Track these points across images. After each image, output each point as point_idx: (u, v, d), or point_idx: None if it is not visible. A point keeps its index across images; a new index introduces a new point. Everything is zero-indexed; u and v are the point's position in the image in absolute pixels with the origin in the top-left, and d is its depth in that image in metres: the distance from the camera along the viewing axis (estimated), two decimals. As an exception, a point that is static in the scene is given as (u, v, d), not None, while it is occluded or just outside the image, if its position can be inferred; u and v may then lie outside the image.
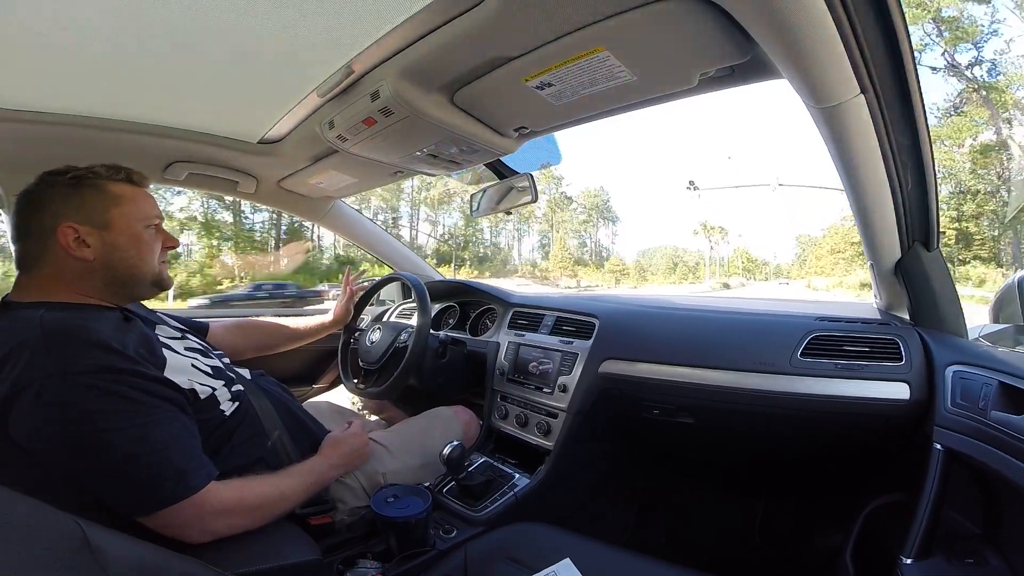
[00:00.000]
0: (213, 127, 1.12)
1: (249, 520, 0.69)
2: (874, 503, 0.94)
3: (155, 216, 0.80)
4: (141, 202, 0.78)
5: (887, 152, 0.71)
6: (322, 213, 1.64)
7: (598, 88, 0.82)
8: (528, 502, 1.02)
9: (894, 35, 0.57)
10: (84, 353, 0.61)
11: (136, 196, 0.78)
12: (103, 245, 0.73)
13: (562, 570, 0.74)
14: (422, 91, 0.86)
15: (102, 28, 0.71)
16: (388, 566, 0.78)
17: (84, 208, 0.72)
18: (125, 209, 0.76)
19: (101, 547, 0.39)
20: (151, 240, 0.79)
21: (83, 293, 0.73)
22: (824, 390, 0.89)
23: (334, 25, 0.72)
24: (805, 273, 50.40)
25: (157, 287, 0.81)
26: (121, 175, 0.77)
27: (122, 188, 0.77)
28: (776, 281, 56.05)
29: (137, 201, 0.78)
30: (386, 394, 1.19)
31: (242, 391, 0.83)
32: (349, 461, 0.90)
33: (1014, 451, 0.62)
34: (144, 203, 0.79)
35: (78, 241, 0.71)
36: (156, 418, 0.64)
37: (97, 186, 0.74)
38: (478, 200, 1.50)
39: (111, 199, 0.75)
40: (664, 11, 0.62)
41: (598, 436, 1.19)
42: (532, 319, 1.32)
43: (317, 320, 1.32)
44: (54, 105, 0.94)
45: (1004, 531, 0.71)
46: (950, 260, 20.56)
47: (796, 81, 0.64)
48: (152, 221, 0.79)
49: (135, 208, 0.77)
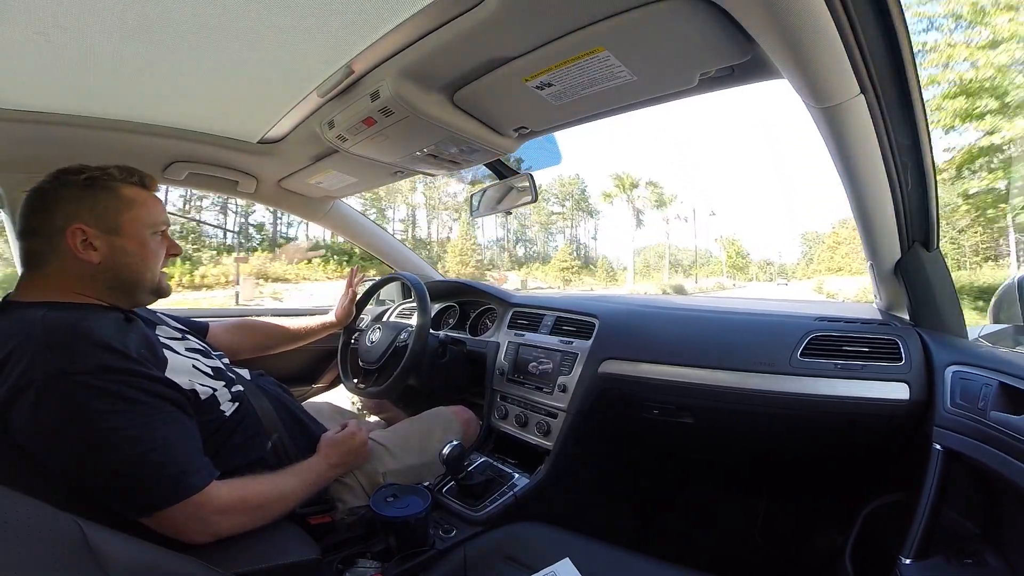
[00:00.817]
0: (213, 127, 1.12)
1: (250, 520, 0.69)
2: (874, 503, 0.94)
3: (163, 222, 0.80)
4: (151, 207, 0.78)
5: (887, 152, 0.71)
6: (322, 213, 1.64)
7: (598, 88, 0.82)
8: (528, 502, 1.02)
9: (894, 35, 0.57)
10: (85, 353, 0.61)
11: (147, 201, 0.78)
12: (110, 249, 0.73)
13: (561, 570, 0.74)
14: (422, 91, 0.86)
15: (102, 28, 0.70)
16: (387, 565, 0.78)
17: (96, 210, 0.72)
18: (136, 214, 0.76)
19: (101, 547, 0.39)
20: (157, 247, 0.79)
21: (85, 294, 0.73)
22: (824, 390, 0.89)
23: (334, 25, 0.72)
24: (813, 272, 48.46)
25: (156, 295, 0.81)
26: (135, 178, 0.77)
27: (134, 192, 0.77)
28: (777, 281, 54.28)
29: (148, 206, 0.78)
30: (386, 394, 1.19)
31: (242, 391, 0.84)
32: (349, 460, 0.90)
33: (1014, 451, 0.61)
34: (154, 208, 0.79)
35: (86, 244, 0.71)
36: (157, 418, 0.64)
37: (111, 189, 0.74)
38: (478, 200, 1.50)
39: (123, 203, 0.75)
40: (664, 11, 0.62)
41: (598, 436, 1.18)
42: (532, 319, 1.32)
43: (318, 320, 1.32)
44: (54, 105, 0.94)
45: (1003, 531, 0.71)
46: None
47: (796, 81, 0.64)
48: (160, 227, 0.79)
49: (146, 213, 0.77)
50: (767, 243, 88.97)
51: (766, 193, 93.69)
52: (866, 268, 1.05)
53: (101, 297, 0.74)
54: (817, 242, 55.47)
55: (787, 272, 59.83)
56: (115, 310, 0.75)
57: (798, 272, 56.09)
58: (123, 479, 0.61)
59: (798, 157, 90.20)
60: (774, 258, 66.59)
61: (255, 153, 1.22)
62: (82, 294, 0.72)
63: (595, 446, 1.21)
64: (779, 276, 59.14)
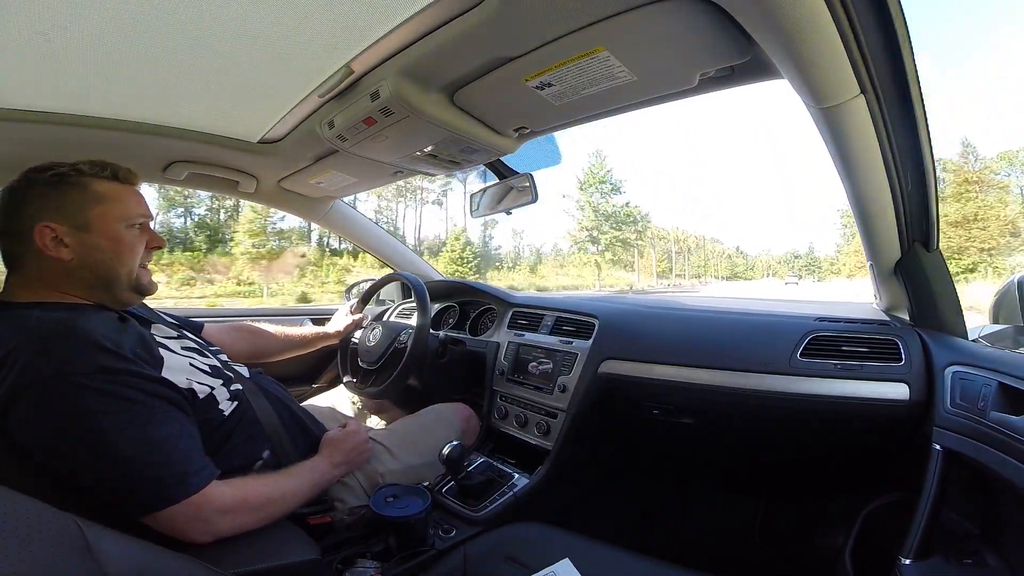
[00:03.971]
0: (213, 127, 1.12)
1: (251, 520, 0.69)
2: (874, 503, 0.95)
3: (140, 215, 0.77)
4: (126, 200, 0.76)
5: (887, 152, 0.71)
6: (322, 213, 1.65)
7: (598, 88, 0.82)
8: (527, 502, 1.02)
9: (894, 35, 0.57)
10: (81, 354, 0.61)
11: (120, 194, 0.75)
12: (81, 246, 0.71)
13: (561, 570, 0.74)
14: (422, 91, 0.86)
15: (102, 28, 0.70)
16: (387, 566, 0.78)
17: (63, 207, 0.70)
18: (106, 209, 0.73)
19: (100, 547, 0.39)
20: (133, 241, 0.76)
21: (71, 294, 0.72)
22: (824, 390, 0.89)
23: (334, 25, 0.72)
24: (856, 267, 39.28)
25: (137, 292, 0.78)
26: (106, 172, 0.75)
27: (106, 186, 0.74)
28: (786, 279, 47.31)
29: (121, 200, 0.75)
30: (385, 394, 1.19)
31: (240, 390, 0.83)
32: (351, 460, 0.90)
33: (1013, 452, 0.61)
34: (129, 201, 0.76)
35: (56, 241, 0.69)
36: (155, 418, 0.64)
37: (79, 184, 0.72)
38: (478, 200, 1.50)
39: (93, 198, 0.72)
40: (664, 11, 0.62)
41: (598, 436, 1.18)
42: (532, 319, 1.32)
43: (314, 331, 1.32)
44: (54, 105, 0.94)
45: (1003, 531, 0.71)
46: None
47: (796, 81, 0.64)
48: (136, 220, 0.76)
49: (118, 207, 0.74)
50: (794, 234, 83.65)
51: (760, 187, 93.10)
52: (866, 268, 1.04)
53: (85, 296, 0.73)
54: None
55: (819, 267, 51.28)
56: (109, 310, 0.74)
57: (843, 267, 45.26)
58: (123, 479, 0.61)
59: (797, 155, 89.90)
60: (803, 250, 59.26)
61: (255, 153, 1.21)
62: (67, 294, 0.71)
63: (595, 446, 1.21)
64: (790, 273, 53.18)
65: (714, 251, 62.19)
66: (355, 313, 1.41)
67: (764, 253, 70.82)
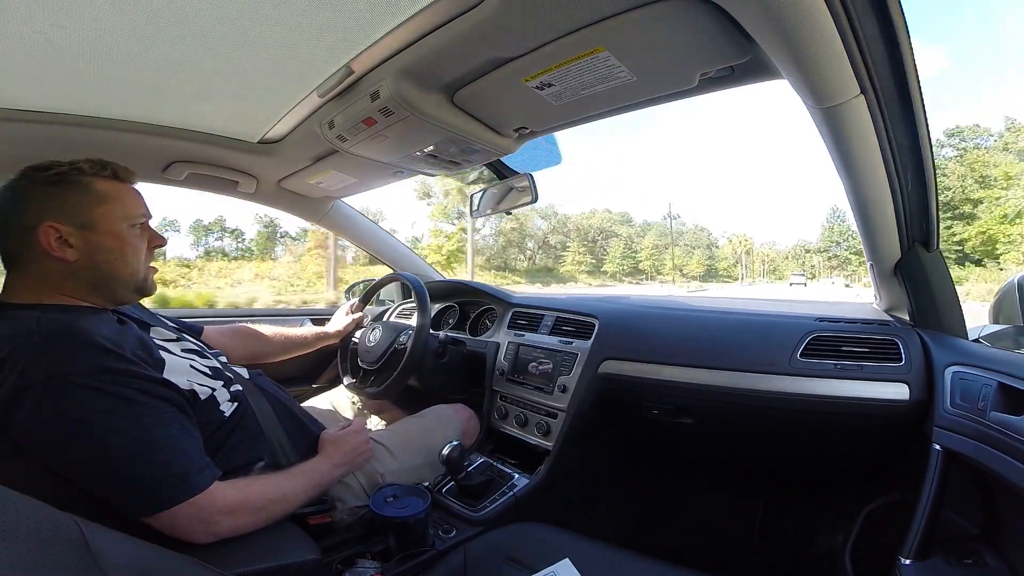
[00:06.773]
0: (213, 127, 1.12)
1: (253, 520, 0.69)
2: (873, 503, 0.95)
3: (141, 215, 0.77)
4: (127, 200, 0.75)
5: (887, 152, 0.71)
6: (322, 213, 1.64)
7: (598, 88, 0.82)
8: (527, 502, 1.02)
9: (894, 35, 0.57)
10: (83, 355, 0.61)
11: (122, 193, 0.75)
12: (87, 245, 0.70)
13: (561, 570, 0.74)
14: (422, 91, 0.86)
15: (102, 28, 0.70)
16: (387, 566, 0.78)
17: (67, 207, 0.69)
18: (110, 208, 0.73)
19: (100, 547, 0.39)
20: (136, 241, 0.76)
21: (70, 295, 0.71)
22: (824, 390, 0.89)
23: (334, 25, 0.72)
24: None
25: (140, 293, 0.78)
26: (107, 171, 0.74)
27: (108, 185, 0.74)
28: (790, 279, 43.68)
29: (123, 199, 0.75)
30: (385, 394, 1.19)
31: (240, 391, 0.83)
32: (352, 460, 0.90)
33: (1013, 452, 0.61)
34: (130, 201, 0.76)
35: (60, 241, 0.68)
36: (157, 419, 0.64)
37: (81, 183, 0.71)
38: (478, 200, 1.50)
39: (96, 197, 0.72)
40: (664, 11, 0.62)
41: (598, 436, 1.18)
42: (532, 319, 1.32)
43: (314, 331, 1.32)
44: (54, 105, 0.94)
45: (1003, 532, 0.71)
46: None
47: (796, 81, 0.64)
48: (138, 220, 0.76)
49: (120, 207, 0.74)
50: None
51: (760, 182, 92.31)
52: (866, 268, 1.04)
53: (85, 298, 0.72)
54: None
55: (850, 265, 45.33)
56: (108, 312, 0.74)
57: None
58: (125, 480, 0.61)
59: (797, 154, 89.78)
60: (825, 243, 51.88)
61: (255, 153, 1.21)
62: (67, 295, 0.71)
63: (595, 446, 1.21)
64: (795, 272, 50.04)
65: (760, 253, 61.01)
66: (355, 313, 1.41)
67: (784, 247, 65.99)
